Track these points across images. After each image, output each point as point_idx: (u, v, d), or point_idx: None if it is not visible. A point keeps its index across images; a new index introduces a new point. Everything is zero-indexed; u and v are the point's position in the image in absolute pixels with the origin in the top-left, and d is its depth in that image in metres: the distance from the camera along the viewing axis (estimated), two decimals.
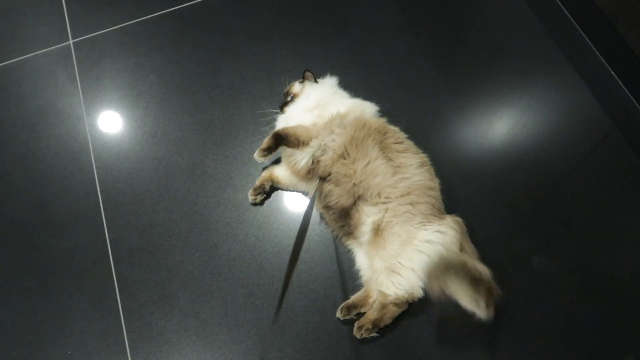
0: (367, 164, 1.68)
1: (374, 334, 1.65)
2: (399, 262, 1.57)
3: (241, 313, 1.79)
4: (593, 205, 1.95)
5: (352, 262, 1.82)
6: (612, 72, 2.21)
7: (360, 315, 1.68)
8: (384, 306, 1.63)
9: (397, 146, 1.75)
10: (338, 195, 1.72)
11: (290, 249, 1.51)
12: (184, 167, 2.09)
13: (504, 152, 2.08)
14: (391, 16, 2.44)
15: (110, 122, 2.20)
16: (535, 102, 2.20)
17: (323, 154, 1.76)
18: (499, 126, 2.15)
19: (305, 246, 1.90)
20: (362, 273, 1.77)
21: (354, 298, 1.70)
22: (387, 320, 1.64)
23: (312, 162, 1.80)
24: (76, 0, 2.51)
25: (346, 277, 1.83)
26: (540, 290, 1.79)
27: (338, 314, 1.68)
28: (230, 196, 2.03)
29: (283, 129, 1.85)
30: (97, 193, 2.04)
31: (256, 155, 1.82)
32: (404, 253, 1.56)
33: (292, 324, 1.76)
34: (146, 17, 2.46)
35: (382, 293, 1.63)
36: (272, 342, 1.73)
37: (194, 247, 1.92)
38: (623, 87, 2.18)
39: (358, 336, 1.63)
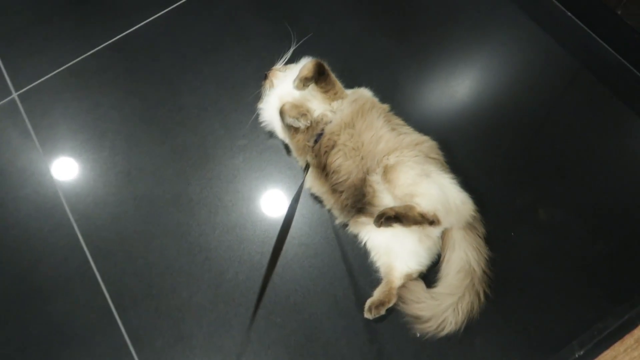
0: (373, 135, 1.65)
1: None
2: (418, 190, 1.52)
3: (265, 335, 1.72)
4: (579, 144, 1.98)
5: (362, 257, 1.77)
6: (569, 13, 2.23)
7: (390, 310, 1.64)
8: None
9: (399, 120, 1.78)
10: (347, 171, 1.66)
11: (297, 257, 1.45)
12: (168, 200, 1.99)
13: (481, 111, 2.07)
14: (340, 1, 2.38)
15: (78, 170, 2.07)
16: (499, 55, 2.21)
17: (330, 122, 1.71)
18: (471, 84, 2.14)
19: (312, 251, 1.85)
20: (377, 259, 1.72)
21: (378, 295, 1.65)
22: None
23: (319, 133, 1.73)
24: (10, 49, 2.33)
25: (361, 272, 1.78)
26: (551, 241, 1.80)
27: (367, 315, 1.63)
28: (224, 218, 1.94)
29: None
30: (83, 247, 1.91)
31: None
32: (422, 182, 1.53)
33: (320, 333, 1.71)
34: (90, 52, 2.31)
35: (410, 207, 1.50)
36: (304, 356, 1.67)
37: (199, 279, 1.83)
38: (582, 25, 2.20)
39: None
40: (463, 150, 1.96)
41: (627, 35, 2.01)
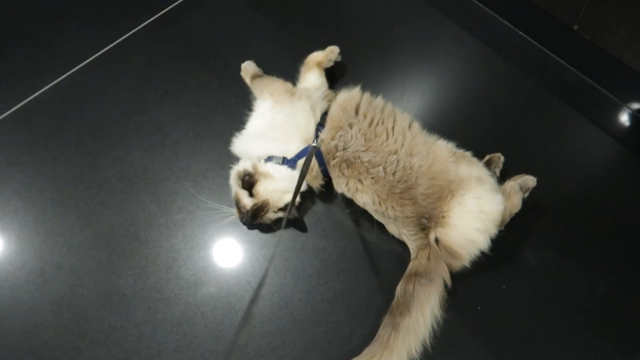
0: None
1: None
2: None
3: None
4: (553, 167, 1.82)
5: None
6: (518, 31, 2.11)
7: None
8: None
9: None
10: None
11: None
12: (94, 299, 1.63)
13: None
14: (255, 25, 2.14)
15: None
16: (453, 78, 2.04)
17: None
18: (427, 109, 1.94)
19: (278, 341, 1.55)
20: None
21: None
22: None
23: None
24: None
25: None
26: (546, 290, 1.61)
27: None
28: (166, 314, 1.61)
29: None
30: None
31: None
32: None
33: None
34: None
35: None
36: None
37: None
38: (532, 41, 2.09)
39: None
40: None
41: (584, 49, 1.90)
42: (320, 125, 1.64)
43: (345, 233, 1.74)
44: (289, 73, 1.90)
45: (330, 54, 1.89)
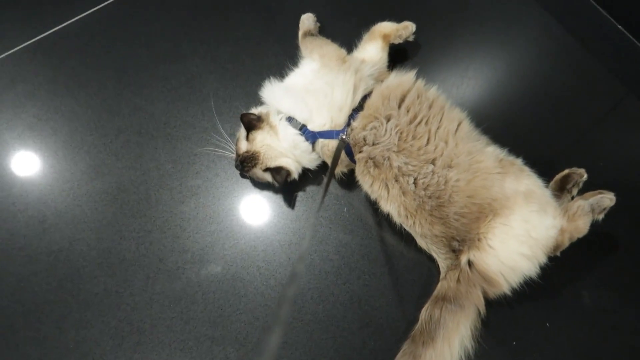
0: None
1: None
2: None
3: None
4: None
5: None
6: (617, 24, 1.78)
7: None
8: None
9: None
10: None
11: None
12: (93, 257, 1.51)
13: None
14: None
15: None
16: (528, 70, 1.74)
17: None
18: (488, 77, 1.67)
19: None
20: None
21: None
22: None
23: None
24: None
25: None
26: (597, 334, 1.36)
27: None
28: (165, 287, 1.47)
29: None
30: None
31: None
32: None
33: None
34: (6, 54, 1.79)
35: None
36: None
37: None
38: (633, 40, 1.76)
39: None
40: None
41: None
42: (358, 110, 1.41)
43: (371, 231, 1.54)
44: (345, 41, 1.65)
45: (403, 29, 1.60)
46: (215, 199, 1.59)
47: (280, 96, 1.48)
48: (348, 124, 1.40)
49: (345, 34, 1.67)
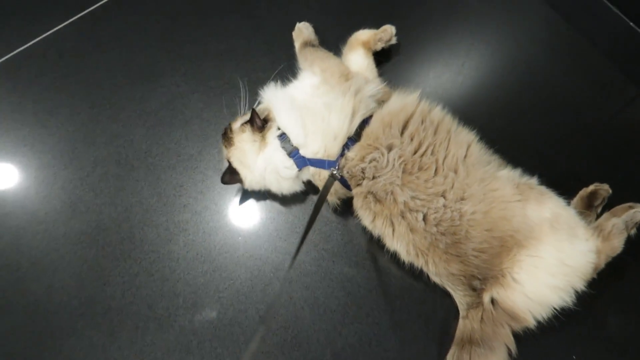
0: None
1: None
2: None
3: None
4: None
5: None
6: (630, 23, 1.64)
7: None
8: None
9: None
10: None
11: None
12: (75, 307, 1.38)
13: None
14: None
15: None
16: (534, 74, 1.60)
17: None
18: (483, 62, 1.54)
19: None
20: None
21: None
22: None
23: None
24: None
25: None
26: None
27: None
28: (156, 338, 1.34)
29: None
30: None
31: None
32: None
33: None
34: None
35: None
36: None
37: None
38: None
39: None
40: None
41: None
42: (353, 139, 1.27)
43: (379, 263, 1.41)
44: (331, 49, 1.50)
45: (382, 33, 1.49)
46: (206, 235, 1.45)
47: (283, 108, 1.33)
48: (342, 154, 1.26)
49: (334, 43, 1.52)
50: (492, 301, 1.16)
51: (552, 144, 1.51)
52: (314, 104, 1.30)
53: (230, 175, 1.36)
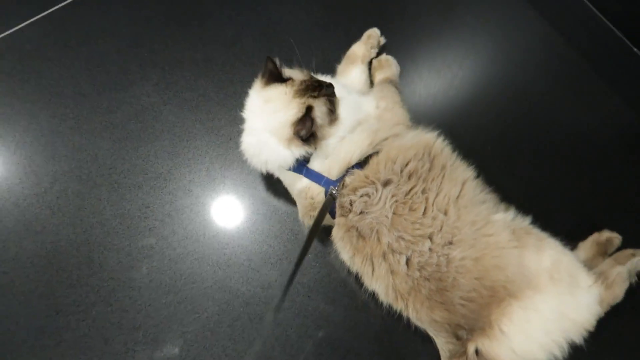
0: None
1: None
2: None
3: None
4: None
5: None
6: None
7: None
8: None
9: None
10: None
11: None
12: (23, 339, 1.26)
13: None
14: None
15: None
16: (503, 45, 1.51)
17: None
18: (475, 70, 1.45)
19: None
20: None
21: None
22: None
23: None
24: None
25: None
26: None
27: None
28: None
29: None
30: None
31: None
32: None
33: None
34: None
35: None
36: None
37: None
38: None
39: None
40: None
41: None
42: (360, 165, 1.16)
43: (358, 301, 1.31)
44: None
45: (370, 40, 1.50)
46: (172, 263, 1.34)
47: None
48: (341, 179, 1.16)
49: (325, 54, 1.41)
50: (477, 351, 1.07)
51: (546, 176, 1.42)
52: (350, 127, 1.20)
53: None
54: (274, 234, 1.37)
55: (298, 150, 1.13)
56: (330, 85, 1.16)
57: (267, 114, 1.15)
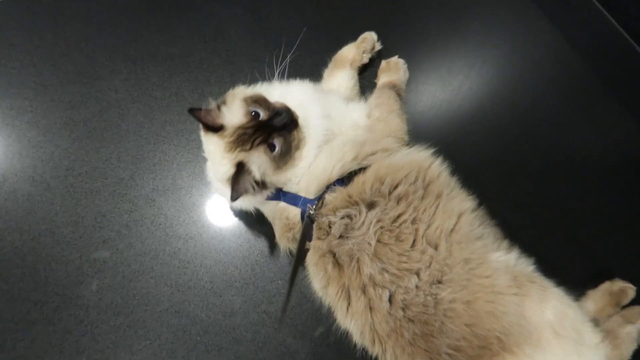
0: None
1: None
2: None
3: None
4: None
5: None
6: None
7: None
8: None
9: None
10: None
11: None
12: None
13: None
14: None
15: None
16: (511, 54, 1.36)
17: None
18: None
19: None
20: None
21: None
22: None
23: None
24: None
25: None
26: None
27: None
28: None
29: None
30: None
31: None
32: None
33: None
34: None
35: None
36: None
37: None
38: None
39: None
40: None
41: None
42: (343, 181, 1.01)
43: (330, 337, 1.17)
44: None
45: (364, 44, 1.33)
46: (126, 280, 1.20)
47: (310, 108, 1.07)
48: (319, 197, 1.01)
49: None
50: None
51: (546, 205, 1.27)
52: (341, 139, 1.08)
53: None
54: (242, 255, 1.22)
55: (255, 198, 1.01)
56: (282, 113, 1.00)
57: (212, 164, 1.05)
